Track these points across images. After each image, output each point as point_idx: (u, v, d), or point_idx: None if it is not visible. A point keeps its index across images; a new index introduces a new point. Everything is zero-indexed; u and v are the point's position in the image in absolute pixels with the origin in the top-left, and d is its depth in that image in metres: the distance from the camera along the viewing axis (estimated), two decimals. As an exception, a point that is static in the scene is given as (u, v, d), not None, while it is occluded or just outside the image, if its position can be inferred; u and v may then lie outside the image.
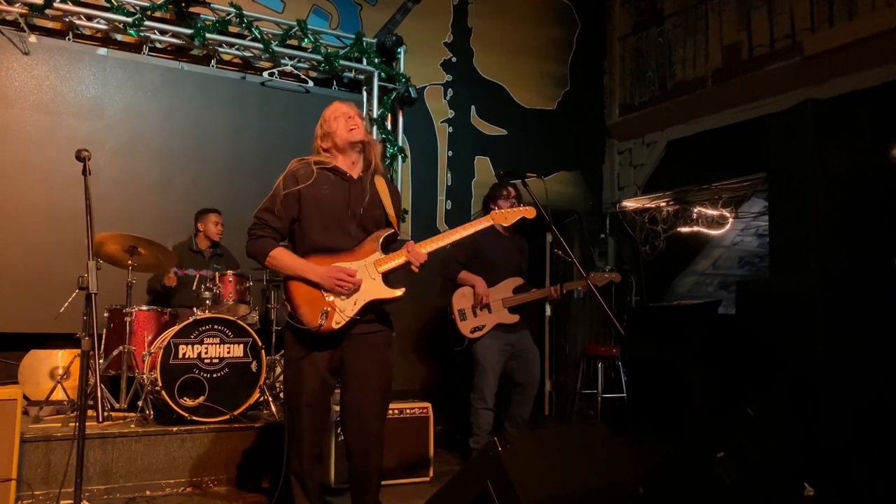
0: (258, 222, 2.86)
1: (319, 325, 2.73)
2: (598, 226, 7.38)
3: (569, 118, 7.50)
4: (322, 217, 2.86)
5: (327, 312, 2.74)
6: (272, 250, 2.83)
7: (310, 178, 2.86)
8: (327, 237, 2.85)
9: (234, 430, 4.18)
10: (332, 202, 2.87)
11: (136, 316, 4.49)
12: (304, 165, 2.92)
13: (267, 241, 2.84)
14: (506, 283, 4.50)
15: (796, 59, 5.75)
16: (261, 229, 2.85)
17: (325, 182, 2.88)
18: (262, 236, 2.85)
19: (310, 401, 2.82)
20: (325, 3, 6.39)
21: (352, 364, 2.85)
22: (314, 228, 2.85)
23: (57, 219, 5.10)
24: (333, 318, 2.74)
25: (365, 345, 2.85)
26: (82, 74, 5.36)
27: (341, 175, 2.93)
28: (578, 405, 6.66)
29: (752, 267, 7.04)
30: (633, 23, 7.51)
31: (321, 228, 2.85)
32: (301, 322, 2.76)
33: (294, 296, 2.79)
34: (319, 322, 2.73)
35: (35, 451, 3.71)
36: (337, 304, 2.77)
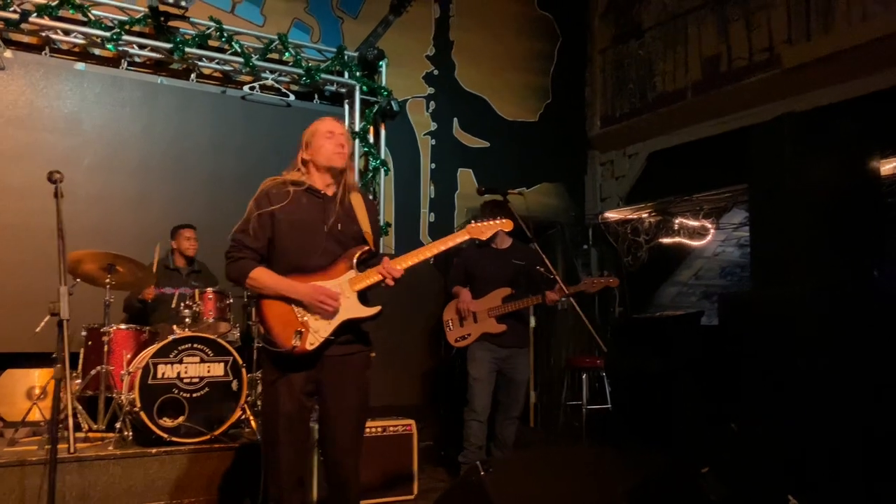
0: (235, 244, 2.80)
1: (293, 347, 2.68)
2: (580, 237, 7.40)
3: (551, 130, 7.52)
4: (296, 236, 2.81)
5: (301, 333, 2.69)
6: (252, 271, 2.76)
7: (283, 199, 2.80)
8: (302, 256, 2.80)
9: (215, 451, 4.11)
10: (307, 221, 2.82)
11: (113, 335, 4.41)
12: (277, 185, 2.86)
13: (246, 263, 2.78)
14: (494, 293, 4.52)
15: (775, 71, 5.80)
16: (238, 251, 2.79)
17: (298, 201, 2.82)
18: (241, 258, 2.79)
19: (287, 425, 2.75)
20: (306, 16, 6.37)
21: (328, 387, 2.80)
22: (289, 248, 2.81)
23: (33, 236, 5.01)
24: (307, 339, 2.69)
25: (341, 366, 2.80)
26: (59, 89, 5.29)
27: (315, 193, 2.88)
28: (563, 417, 6.65)
29: (734, 277, 7.08)
30: (614, 35, 7.55)
31: (296, 248, 2.80)
32: (274, 344, 2.70)
33: (268, 316, 2.73)
34: (294, 343, 2.68)
35: (9, 476, 3.62)
36: (311, 324, 2.72)
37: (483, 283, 4.55)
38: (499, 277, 4.54)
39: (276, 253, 2.83)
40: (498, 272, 4.55)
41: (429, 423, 5.31)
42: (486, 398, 4.43)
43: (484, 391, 4.42)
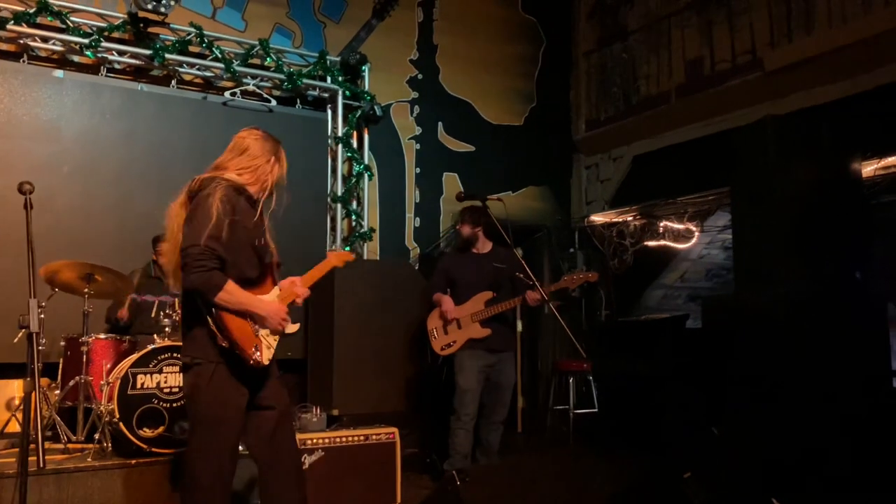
0: (207, 252, 2.56)
1: (256, 361, 2.69)
2: (566, 240, 7.39)
3: (536, 134, 7.52)
4: (244, 249, 2.75)
5: (258, 347, 2.71)
6: (226, 284, 2.61)
7: (242, 209, 2.74)
8: (246, 269, 2.76)
9: (196, 461, 4.07)
10: (253, 235, 2.79)
11: (93, 345, 4.35)
12: (232, 192, 2.73)
13: (218, 274, 2.60)
14: (476, 298, 4.48)
15: (757, 74, 5.81)
16: (211, 260, 2.57)
17: (249, 212, 2.79)
18: (214, 268, 2.59)
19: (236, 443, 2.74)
20: (288, 21, 6.34)
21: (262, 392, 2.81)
22: (238, 260, 2.72)
23: (8, 245, 4.96)
24: (264, 353, 2.73)
25: (272, 372, 2.88)
26: (38, 97, 5.24)
27: (255, 206, 2.84)
28: (551, 421, 6.63)
29: (720, 279, 7.09)
30: (598, 38, 7.56)
31: (244, 260, 2.75)
32: (240, 355, 2.66)
33: (230, 329, 2.64)
34: (254, 357, 2.68)
35: (-15, 489, 3.58)
36: (263, 339, 2.75)
37: (465, 287, 4.53)
38: (480, 282, 4.51)
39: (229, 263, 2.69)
40: (479, 276, 4.53)
41: (413, 429, 5.27)
42: (473, 407, 4.41)
43: (472, 400, 4.40)
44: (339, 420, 4.96)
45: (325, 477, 4.11)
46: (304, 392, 5.74)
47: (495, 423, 4.53)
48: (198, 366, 2.66)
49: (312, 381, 5.63)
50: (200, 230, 2.57)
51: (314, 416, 4.60)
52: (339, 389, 5.16)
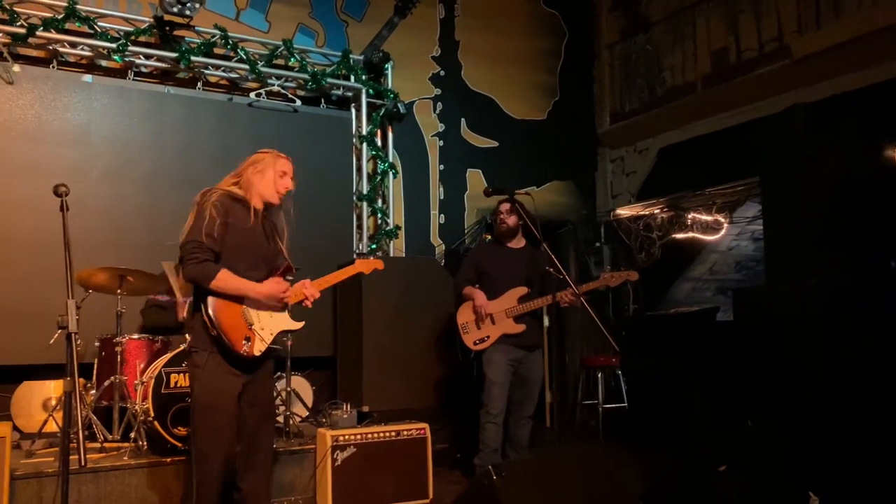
0: (199, 245, 2.88)
1: (244, 351, 2.92)
2: (592, 235, 7.34)
3: (560, 128, 7.48)
4: (242, 251, 3.01)
5: (250, 339, 2.93)
6: (219, 272, 2.90)
7: (237, 213, 3.00)
8: (244, 270, 2.99)
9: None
10: (250, 238, 3.04)
11: (126, 345, 4.42)
12: (227, 197, 3.03)
13: (210, 265, 2.90)
14: (510, 293, 4.46)
15: (785, 62, 5.72)
16: (203, 252, 2.89)
17: (245, 217, 3.02)
18: (206, 259, 2.89)
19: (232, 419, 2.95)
20: (311, 21, 6.37)
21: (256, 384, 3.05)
22: (234, 260, 2.98)
23: (45, 249, 5.03)
24: (255, 345, 2.96)
25: (266, 370, 3.12)
26: (67, 102, 5.32)
27: (256, 213, 3.08)
28: (579, 416, 6.60)
29: (749, 271, 7.00)
30: (621, 30, 7.50)
31: (241, 261, 2.99)
32: (229, 347, 2.90)
33: (220, 318, 2.90)
34: (244, 348, 2.92)
35: (26, 488, 3.64)
36: (256, 332, 2.98)
37: (497, 282, 4.49)
38: (514, 277, 4.48)
39: (222, 263, 2.97)
40: (513, 272, 4.49)
41: (443, 425, 5.28)
42: (502, 401, 4.39)
43: (501, 394, 4.38)
44: (368, 416, 4.99)
45: (357, 472, 4.14)
46: (333, 389, 5.79)
47: (524, 418, 4.52)
48: (195, 353, 2.95)
49: (342, 377, 5.67)
50: (196, 228, 2.91)
51: (344, 412, 4.64)
52: (368, 386, 5.19)
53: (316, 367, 5.89)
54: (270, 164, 3.15)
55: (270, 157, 3.19)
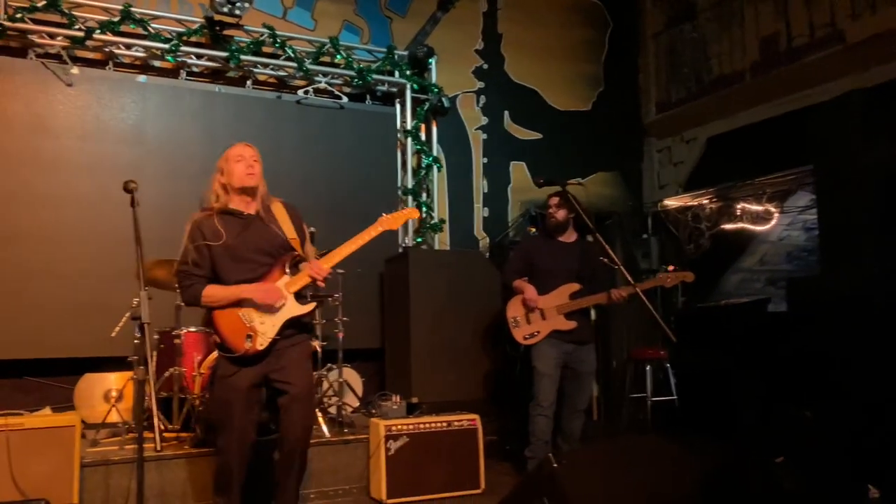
0: (182, 274, 3.18)
1: (247, 349, 3.08)
2: (639, 226, 7.27)
3: (604, 118, 7.43)
4: (229, 260, 3.17)
5: (251, 336, 3.09)
6: (203, 290, 3.14)
7: (211, 229, 3.18)
8: (239, 271, 3.17)
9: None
10: (234, 244, 3.17)
11: (185, 338, 4.54)
12: (204, 217, 3.23)
13: (195, 287, 3.15)
14: (561, 289, 4.43)
15: (838, 47, 5.59)
16: (187, 279, 3.17)
17: (224, 227, 3.18)
18: (190, 284, 3.16)
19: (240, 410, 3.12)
20: (355, 18, 6.44)
21: (279, 373, 3.18)
22: (227, 269, 3.17)
23: (104, 245, 5.22)
24: (257, 340, 3.10)
25: (288, 355, 3.20)
26: (123, 102, 5.48)
27: (237, 215, 3.24)
28: (627, 410, 6.56)
29: (801, 262, 6.87)
30: (666, 19, 7.41)
31: (232, 268, 3.17)
32: (230, 350, 3.11)
33: (220, 327, 3.14)
34: (246, 346, 3.08)
35: (94, 475, 3.78)
36: (258, 328, 3.12)
37: (548, 276, 4.46)
38: (565, 272, 4.45)
39: (219, 274, 3.19)
40: (565, 266, 4.46)
41: (491, 417, 5.30)
42: (552, 393, 4.38)
43: (550, 386, 4.37)
44: (417, 408, 5.05)
45: (409, 462, 4.19)
46: (381, 380, 5.86)
47: (577, 412, 4.50)
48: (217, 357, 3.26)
49: (390, 369, 5.73)
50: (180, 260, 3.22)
51: (394, 403, 4.69)
52: (416, 377, 5.25)
53: (364, 359, 5.96)
54: (225, 160, 3.30)
55: (224, 154, 3.33)
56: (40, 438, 3.49)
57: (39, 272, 5.07)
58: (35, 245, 5.09)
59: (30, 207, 5.10)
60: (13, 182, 5.07)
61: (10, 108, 5.12)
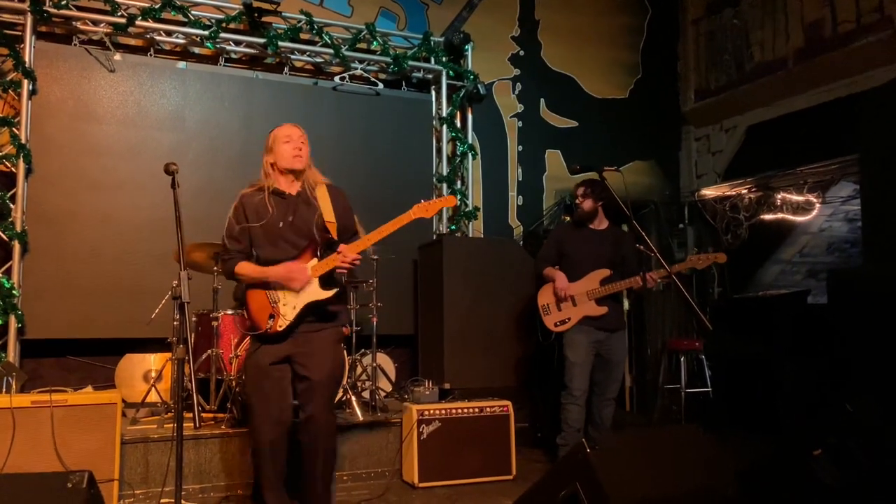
0: (224, 249, 3.35)
1: (268, 328, 3.16)
2: (676, 215, 7.18)
3: (642, 106, 7.34)
4: (266, 236, 3.24)
5: (273, 317, 3.16)
6: (236, 266, 3.25)
7: (255, 206, 3.25)
8: (274, 251, 3.24)
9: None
10: (273, 222, 3.23)
11: (222, 320, 4.62)
12: (251, 194, 3.32)
13: (232, 262, 3.26)
14: (592, 275, 4.42)
15: (886, 32, 5.43)
16: (227, 254, 3.31)
17: (267, 205, 3.23)
18: (228, 259, 3.29)
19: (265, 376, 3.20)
20: (392, 4, 6.44)
21: (300, 357, 3.21)
22: (263, 246, 3.26)
23: (144, 228, 5.33)
24: (278, 321, 3.16)
25: (311, 342, 3.21)
26: (164, 88, 5.57)
27: (280, 195, 3.29)
28: (661, 401, 6.51)
29: (843, 253, 6.72)
30: (707, 5, 7.26)
31: (268, 245, 3.25)
32: (254, 327, 3.20)
33: (249, 304, 3.24)
34: (268, 325, 3.16)
35: (134, 452, 3.89)
36: (280, 309, 3.18)
37: (579, 263, 4.47)
38: (596, 259, 4.44)
39: (257, 255, 3.30)
40: (596, 253, 4.45)
41: (523, 405, 5.31)
42: (584, 381, 4.38)
43: (582, 374, 4.37)
44: (450, 393, 5.07)
45: (441, 447, 4.23)
46: (414, 366, 5.90)
47: (608, 399, 4.49)
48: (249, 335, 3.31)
49: (423, 355, 5.76)
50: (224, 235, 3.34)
51: (427, 389, 4.73)
52: (449, 364, 5.26)
53: (397, 345, 6.01)
54: (274, 139, 3.33)
55: (272, 134, 3.36)
56: (83, 415, 3.58)
57: (82, 255, 5.20)
58: (78, 228, 5.21)
59: (73, 191, 5.22)
60: (57, 167, 5.19)
61: (54, 93, 5.24)
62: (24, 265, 5.03)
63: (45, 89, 5.21)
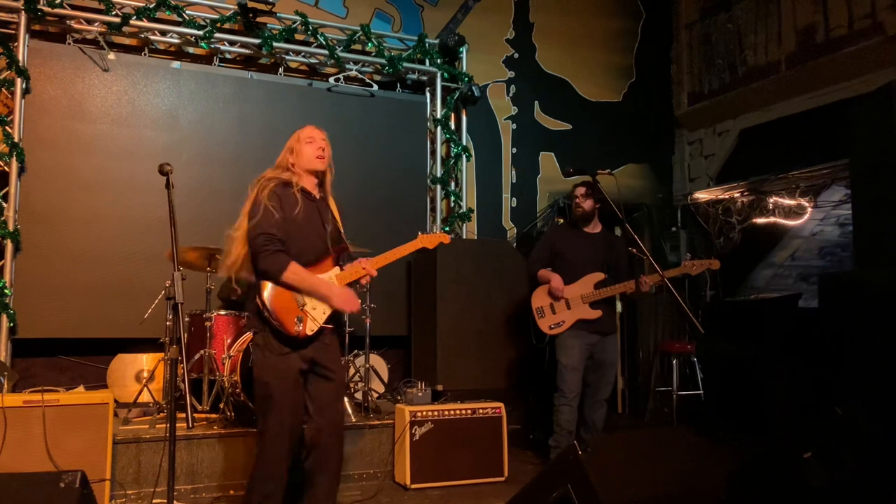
0: (268, 238, 2.96)
1: (298, 332, 3.00)
2: (668, 219, 7.21)
3: (635, 110, 7.37)
4: (297, 235, 3.06)
5: (301, 319, 3.01)
6: (290, 264, 2.99)
7: (289, 199, 3.07)
8: (301, 252, 3.06)
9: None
10: (305, 221, 3.09)
11: (215, 320, 4.62)
12: (280, 185, 3.10)
13: (282, 256, 2.98)
14: (586, 278, 4.44)
15: (878, 38, 5.48)
16: (273, 244, 2.97)
17: (298, 202, 3.09)
18: (278, 251, 2.98)
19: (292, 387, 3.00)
20: (387, 6, 6.45)
21: (321, 361, 3.10)
22: (291, 244, 3.04)
23: (137, 228, 5.32)
24: (307, 325, 3.03)
25: (328, 345, 3.14)
26: (158, 88, 5.56)
27: (309, 196, 3.17)
28: (653, 403, 6.54)
29: (834, 257, 6.76)
30: (701, 9, 7.30)
31: (297, 244, 3.06)
32: (284, 328, 2.98)
33: (273, 301, 2.98)
34: (297, 329, 2.99)
35: (126, 452, 3.88)
36: (309, 312, 3.04)
37: (573, 265, 4.47)
38: (591, 261, 4.45)
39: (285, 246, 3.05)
40: (590, 256, 4.47)
41: (516, 406, 5.33)
42: (576, 384, 4.39)
43: (575, 377, 4.38)
44: (442, 395, 5.08)
45: (434, 448, 4.23)
46: (407, 367, 5.90)
47: (599, 402, 4.51)
48: (256, 334, 3.08)
49: (416, 357, 5.77)
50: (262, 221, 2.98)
51: (419, 390, 4.73)
52: (442, 365, 5.28)
53: (390, 346, 6.02)
54: (297, 140, 3.23)
55: (296, 134, 3.26)
56: (74, 415, 3.57)
57: (75, 254, 5.19)
58: (71, 227, 5.20)
59: (66, 190, 5.21)
60: (50, 166, 5.18)
61: (48, 92, 5.22)
62: (17, 264, 5.02)
63: (39, 88, 5.19)
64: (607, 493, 2.29)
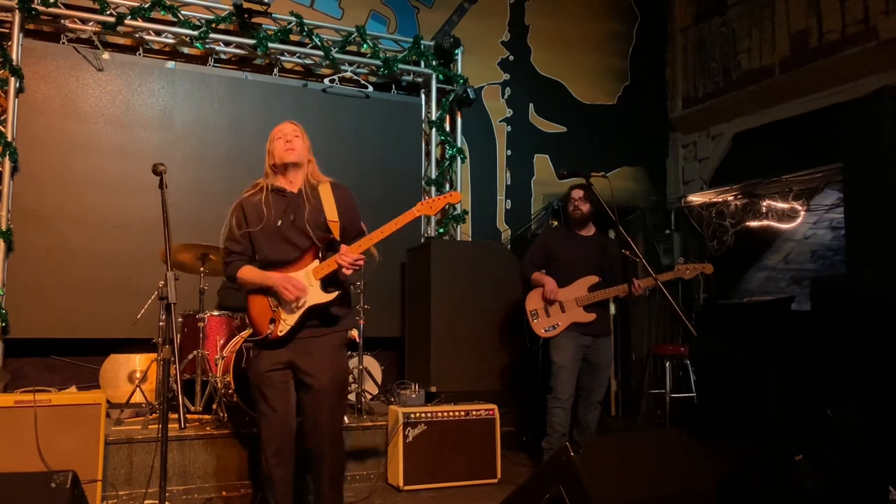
0: (225, 251, 3.23)
1: (268, 333, 3.05)
2: (662, 222, 7.23)
3: (630, 113, 7.39)
4: (265, 237, 3.13)
5: (274, 321, 3.06)
6: (238, 271, 3.14)
7: (253, 205, 3.15)
8: (275, 252, 3.13)
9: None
10: (272, 221, 3.13)
11: (208, 321, 4.61)
12: (249, 196, 3.22)
13: (234, 265, 3.16)
14: (580, 281, 4.44)
15: (871, 44, 5.51)
16: (228, 256, 3.20)
17: (266, 204, 3.14)
18: (230, 262, 3.18)
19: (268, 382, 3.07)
20: (382, 7, 6.45)
21: (302, 364, 3.08)
22: (265, 249, 3.14)
23: (131, 228, 5.31)
24: (279, 326, 3.05)
25: (312, 347, 3.09)
26: (152, 88, 5.55)
27: (280, 192, 3.18)
28: (646, 405, 6.55)
29: (826, 261, 6.79)
30: (695, 13, 7.33)
31: (269, 246, 3.14)
32: (256, 332, 3.10)
33: (250, 308, 3.15)
34: (269, 330, 3.05)
35: (118, 452, 3.86)
36: (282, 314, 3.07)
37: (567, 268, 4.47)
38: (585, 264, 4.46)
39: (257, 251, 3.18)
40: (584, 259, 4.46)
41: (509, 408, 5.32)
42: (570, 385, 4.39)
43: (569, 379, 4.38)
44: (436, 397, 5.08)
45: (427, 450, 4.23)
46: (401, 369, 5.90)
47: (593, 404, 4.51)
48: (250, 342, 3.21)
49: (410, 358, 5.77)
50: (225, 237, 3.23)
51: (413, 392, 4.74)
52: (435, 367, 5.27)
53: (384, 348, 6.01)
54: (270, 140, 3.25)
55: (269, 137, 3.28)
56: (66, 415, 3.56)
57: (68, 254, 5.17)
58: (63, 227, 5.18)
59: (59, 190, 5.19)
60: (44, 165, 5.16)
61: (42, 91, 5.21)
62: (9, 264, 5.00)
63: (33, 87, 5.18)
64: (599, 495, 2.29)
